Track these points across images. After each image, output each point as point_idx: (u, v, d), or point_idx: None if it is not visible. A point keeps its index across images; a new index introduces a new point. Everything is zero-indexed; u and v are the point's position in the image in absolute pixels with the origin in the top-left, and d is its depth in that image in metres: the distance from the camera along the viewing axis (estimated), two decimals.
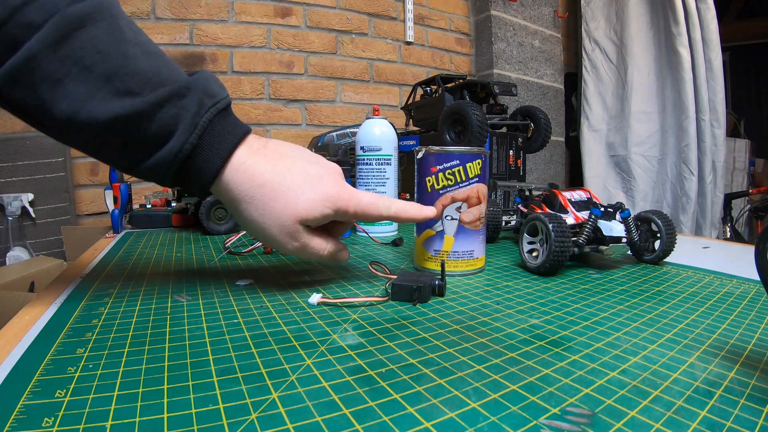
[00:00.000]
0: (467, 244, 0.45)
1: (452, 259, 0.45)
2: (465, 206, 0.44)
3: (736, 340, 0.29)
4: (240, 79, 1.34)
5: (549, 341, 0.29)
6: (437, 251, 0.45)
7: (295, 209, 0.36)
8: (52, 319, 0.32)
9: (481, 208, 0.45)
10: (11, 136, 1.10)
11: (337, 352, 0.27)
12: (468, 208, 0.44)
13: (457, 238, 0.45)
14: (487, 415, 0.20)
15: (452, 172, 0.44)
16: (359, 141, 0.69)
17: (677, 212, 1.85)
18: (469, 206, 0.44)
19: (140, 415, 0.20)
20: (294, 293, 0.39)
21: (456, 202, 0.44)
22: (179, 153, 0.33)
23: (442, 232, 0.45)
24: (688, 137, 1.80)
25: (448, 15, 1.75)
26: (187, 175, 0.35)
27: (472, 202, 0.44)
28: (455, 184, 0.44)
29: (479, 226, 0.45)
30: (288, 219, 0.36)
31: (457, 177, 0.44)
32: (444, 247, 0.45)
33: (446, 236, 0.45)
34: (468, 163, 0.44)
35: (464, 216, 0.44)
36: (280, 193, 0.35)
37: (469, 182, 0.44)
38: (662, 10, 1.85)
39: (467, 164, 0.44)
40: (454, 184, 0.44)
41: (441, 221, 0.45)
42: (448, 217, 0.45)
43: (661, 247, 0.50)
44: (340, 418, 0.20)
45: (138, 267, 0.49)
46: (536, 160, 1.83)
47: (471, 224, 0.45)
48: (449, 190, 0.44)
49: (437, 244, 0.45)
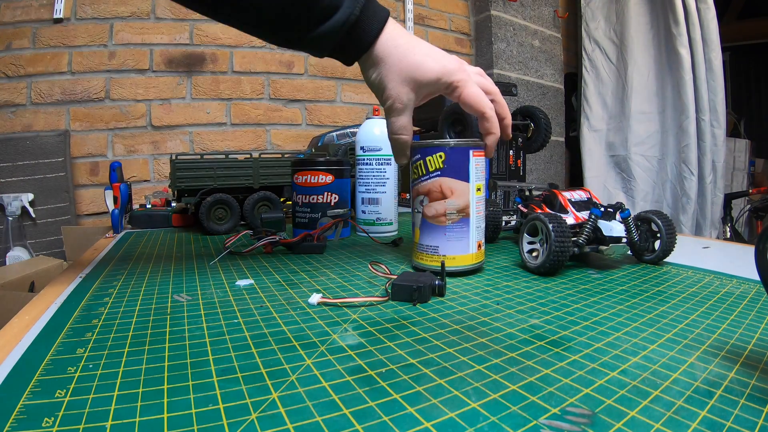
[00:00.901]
0: (431, 239, 0.45)
1: (420, 252, 0.46)
2: (426, 200, 0.45)
3: (736, 340, 0.29)
4: (240, 79, 1.34)
5: (549, 341, 0.29)
6: (413, 242, 0.47)
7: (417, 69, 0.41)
8: (52, 319, 0.32)
9: (447, 203, 0.44)
10: (11, 136, 1.10)
11: (337, 352, 0.27)
12: (429, 202, 0.44)
13: (422, 232, 0.46)
14: (487, 415, 0.20)
15: (416, 166, 0.45)
16: (359, 141, 0.69)
17: (677, 212, 1.85)
18: (430, 200, 0.44)
19: (140, 415, 0.20)
20: (294, 293, 0.39)
21: (419, 196, 0.45)
22: (345, 23, 0.39)
23: (414, 224, 0.47)
24: (688, 137, 1.80)
25: (448, 15, 1.75)
26: (347, 41, 0.40)
27: (434, 196, 0.44)
28: (418, 178, 0.45)
29: (445, 222, 0.44)
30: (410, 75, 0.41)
31: (420, 170, 0.45)
32: (415, 239, 0.47)
33: (415, 228, 0.47)
34: (428, 156, 0.44)
35: (425, 210, 0.45)
36: (410, 54, 0.41)
37: (429, 176, 0.44)
38: (662, 10, 1.84)
39: (427, 158, 0.44)
40: (417, 177, 0.45)
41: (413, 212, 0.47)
42: (416, 209, 0.46)
43: (661, 247, 0.50)
44: (340, 418, 0.20)
45: (138, 267, 0.49)
46: (536, 160, 1.83)
47: (433, 219, 0.44)
48: (414, 183, 0.46)
49: (414, 235, 0.47)
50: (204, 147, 1.30)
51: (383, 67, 0.41)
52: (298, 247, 0.57)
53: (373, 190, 0.69)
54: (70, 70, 1.15)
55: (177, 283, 0.42)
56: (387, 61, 0.41)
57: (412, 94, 0.42)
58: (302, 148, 1.42)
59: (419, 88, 0.42)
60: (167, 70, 1.26)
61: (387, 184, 0.69)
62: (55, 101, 1.14)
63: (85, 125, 1.18)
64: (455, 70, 0.42)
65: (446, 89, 0.43)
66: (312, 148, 1.13)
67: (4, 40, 1.10)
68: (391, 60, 0.41)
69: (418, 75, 0.41)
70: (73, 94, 1.16)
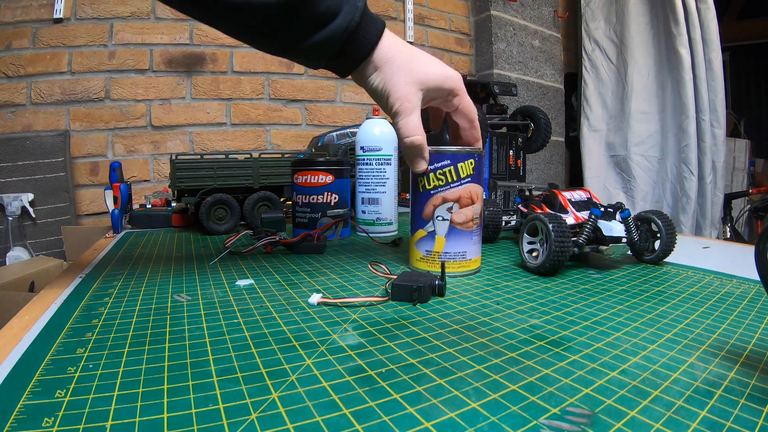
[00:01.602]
0: (459, 246, 0.44)
1: (443, 260, 0.45)
2: (456, 207, 0.44)
3: (736, 340, 0.29)
4: (240, 79, 1.34)
5: (549, 341, 0.29)
6: (429, 252, 0.45)
7: (421, 70, 0.41)
8: (52, 319, 0.32)
9: (475, 208, 0.44)
10: (11, 136, 1.10)
11: (337, 352, 0.27)
12: (460, 208, 0.44)
13: (449, 239, 0.44)
14: (487, 415, 0.20)
15: (443, 172, 0.43)
16: (359, 141, 0.69)
17: (677, 212, 1.85)
18: (460, 207, 0.44)
19: (140, 415, 0.20)
20: (294, 293, 0.39)
21: (447, 203, 0.44)
22: (347, 29, 0.38)
23: (433, 233, 0.45)
24: (688, 137, 1.80)
25: (448, 15, 1.75)
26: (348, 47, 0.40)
27: (464, 202, 0.44)
28: (446, 185, 0.43)
29: (472, 227, 0.45)
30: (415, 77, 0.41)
31: (449, 177, 0.43)
32: (435, 248, 0.45)
33: (437, 237, 0.44)
34: (460, 162, 0.43)
35: (455, 217, 0.44)
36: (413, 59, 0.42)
37: (461, 182, 0.43)
38: (662, 10, 1.84)
39: (459, 164, 0.43)
40: (445, 184, 0.44)
41: (432, 222, 0.44)
42: (439, 217, 0.44)
43: (661, 247, 0.50)
44: (340, 418, 0.20)
45: (138, 267, 0.49)
46: (536, 160, 1.83)
47: (463, 225, 0.44)
48: (440, 190, 0.44)
49: (429, 245, 0.45)
50: (204, 147, 1.30)
51: (387, 70, 0.41)
52: (298, 247, 0.57)
53: (373, 190, 0.69)
54: (70, 70, 1.15)
55: (177, 283, 0.42)
56: (391, 64, 0.41)
57: (420, 94, 0.41)
58: (302, 148, 1.42)
59: (426, 90, 0.42)
60: (167, 70, 1.26)
61: (387, 184, 0.69)
62: (55, 101, 1.14)
63: (85, 125, 1.18)
64: (457, 78, 0.43)
65: (448, 94, 0.43)
66: (312, 148, 1.13)
67: (4, 40, 1.10)
68: (396, 63, 0.41)
69: (424, 77, 0.41)
70: (73, 94, 1.16)
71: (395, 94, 0.41)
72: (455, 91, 0.43)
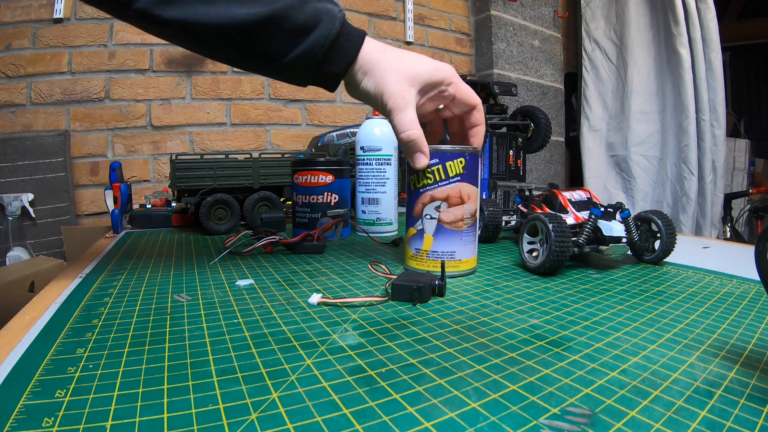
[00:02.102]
0: (447, 245, 0.44)
1: (431, 259, 0.45)
2: (445, 205, 0.44)
3: (736, 340, 0.29)
4: (240, 79, 1.34)
5: (549, 341, 0.29)
6: (418, 250, 0.45)
7: (411, 67, 0.42)
8: (52, 319, 0.32)
9: (465, 208, 0.44)
10: (11, 136, 1.10)
11: (337, 352, 0.27)
12: (448, 207, 0.44)
13: (436, 238, 0.44)
14: (487, 415, 0.20)
15: (432, 171, 0.43)
16: (359, 141, 0.69)
17: (677, 212, 1.85)
18: (449, 206, 0.44)
19: (140, 415, 0.20)
20: (294, 293, 0.39)
21: (435, 201, 0.44)
22: (328, 36, 0.39)
23: (422, 231, 0.45)
24: (688, 137, 1.80)
25: (448, 15, 1.75)
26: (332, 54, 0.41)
27: (453, 201, 0.43)
28: (434, 183, 0.43)
29: (462, 226, 0.44)
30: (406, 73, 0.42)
31: (437, 175, 0.43)
32: (424, 246, 0.45)
33: (425, 235, 0.45)
34: (448, 161, 0.43)
35: (443, 216, 0.44)
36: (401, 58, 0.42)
37: (449, 181, 0.43)
38: (662, 10, 1.84)
39: (447, 163, 0.43)
40: (433, 182, 0.44)
41: (421, 220, 0.45)
42: (428, 216, 0.44)
43: (661, 247, 0.50)
44: (340, 418, 0.20)
45: (138, 267, 0.49)
46: (536, 160, 1.83)
47: (451, 224, 0.44)
48: (428, 188, 0.44)
49: (418, 243, 0.45)
50: (204, 147, 1.30)
51: (377, 72, 0.41)
52: (298, 247, 0.57)
53: (373, 190, 0.69)
54: (70, 70, 1.15)
55: (177, 283, 0.42)
56: (380, 66, 0.41)
57: (413, 89, 0.42)
58: (302, 148, 1.42)
59: (418, 84, 0.42)
60: (167, 70, 1.25)
61: (387, 184, 0.69)
62: (55, 101, 1.14)
63: (85, 125, 1.18)
64: (448, 68, 0.44)
65: (441, 85, 0.43)
66: (312, 148, 1.13)
67: (4, 40, 1.10)
68: (384, 64, 0.41)
69: (414, 73, 0.42)
70: (73, 94, 1.16)
71: (388, 92, 0.41)
72: (448, 80, 0.43)
